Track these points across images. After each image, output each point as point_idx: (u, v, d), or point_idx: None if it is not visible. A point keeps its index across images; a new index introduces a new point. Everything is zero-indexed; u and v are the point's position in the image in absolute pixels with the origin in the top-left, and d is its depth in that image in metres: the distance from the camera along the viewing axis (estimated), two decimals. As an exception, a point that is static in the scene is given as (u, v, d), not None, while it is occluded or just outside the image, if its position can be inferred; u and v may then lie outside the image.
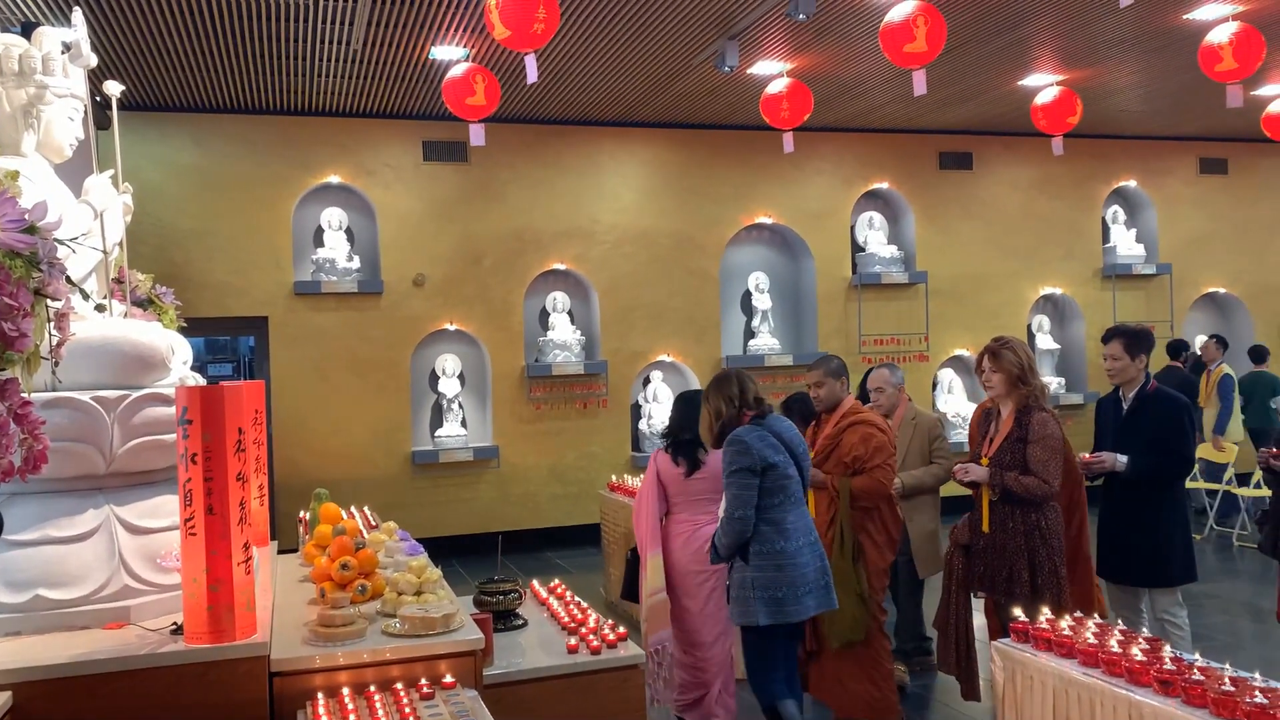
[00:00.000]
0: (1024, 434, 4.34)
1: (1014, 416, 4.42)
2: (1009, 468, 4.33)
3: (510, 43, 5.58)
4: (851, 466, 4.62)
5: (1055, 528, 4.34)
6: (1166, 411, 4.75)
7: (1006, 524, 4.34)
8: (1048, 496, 4.30)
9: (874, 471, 4.58)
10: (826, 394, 4.85)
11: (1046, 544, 4.29)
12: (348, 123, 9.20)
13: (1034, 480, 4.27)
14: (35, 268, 2.44)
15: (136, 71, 7.64)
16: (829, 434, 4.77)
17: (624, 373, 9.91)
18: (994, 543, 4.37)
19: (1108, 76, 8.77)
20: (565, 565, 8.81)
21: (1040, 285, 11.15)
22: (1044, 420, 4.35)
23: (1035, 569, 4.27)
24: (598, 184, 9.88)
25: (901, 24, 6.13)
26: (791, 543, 3.96)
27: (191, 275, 8.63)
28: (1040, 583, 4.26)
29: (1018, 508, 4.33)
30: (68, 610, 3.12)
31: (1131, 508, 4.75)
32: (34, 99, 3.53)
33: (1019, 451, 4.33)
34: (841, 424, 4.74)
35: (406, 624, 3.17)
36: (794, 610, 3.93)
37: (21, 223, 2.42)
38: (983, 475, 4.40)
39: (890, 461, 4.65)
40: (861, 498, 4.59)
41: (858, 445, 4.62)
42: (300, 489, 7.99)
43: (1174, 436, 4.70)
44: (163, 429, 3.33)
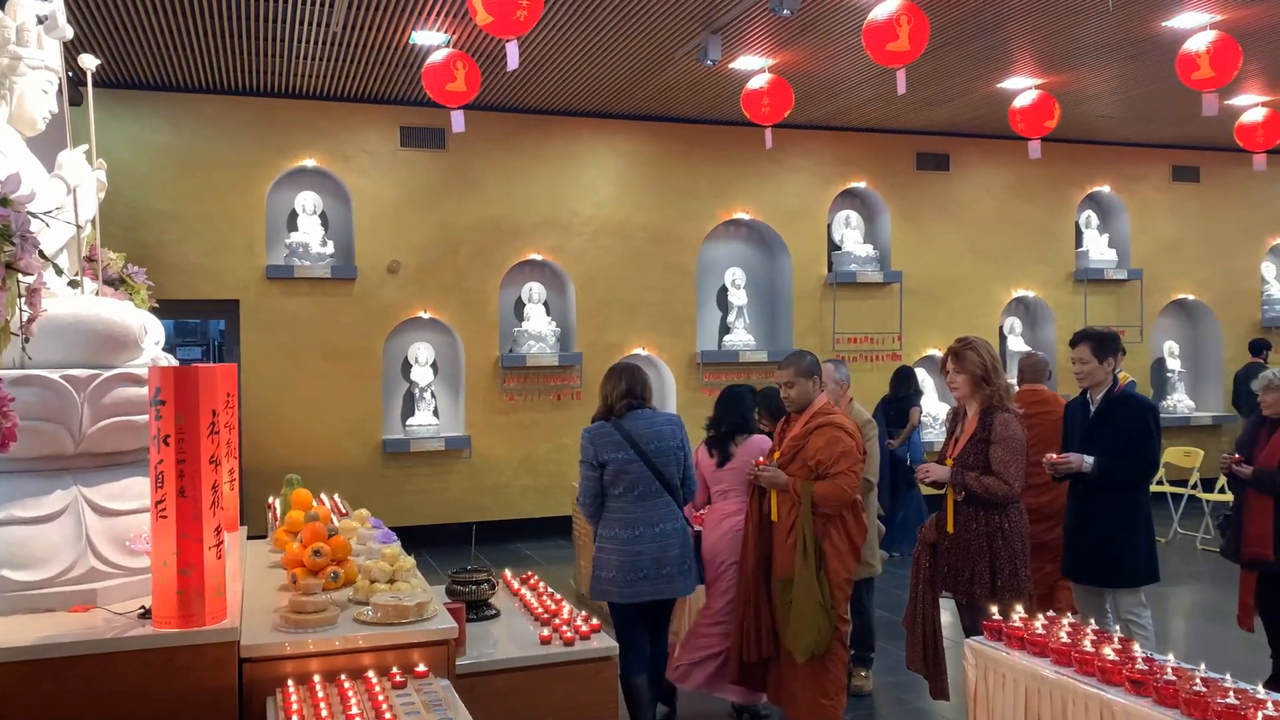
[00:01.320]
0: (987, 434, 4.35)
1: (978, 417, 4.44)
2: (973, 468, 4.34)
3: (493, 29, 5.53)
4: (815, 470, 4.45)
5: (1017, 529, 4.36)
6: (1133, 414, 4.80)
7: (970, 524, 4.35)
8: (1009, 498, 4.32)
9: (838, 477, 4.39)
10: (797, 394, 4.64)
11: (1008, 545, 4.31)
12: (325, 106, 9.10)
13: (995, 481, 4.28)
14: (8, 241, 2.39)
15: (111, 47, 7.51)
16: (796, 435, 4.59)
17: (599, 365, 9.84)
18: (957, 543, 4.38)
19: (1086, 82, 8.84)
20: (536, 557, 8.79)
21: (1013, 288, 11.24)
22: (1007, 421, 4.36)
23: (996, 570, 4.29)
24: (576, 175, 9.84)
25: (885, 22, 6.13)
26: (629, 530, 4.39)
27: (162, 256, 8.51)
28: (1000, 584, 4.28)
29: (980, 509, 4.34)
30: (33, 592, 3.06)
31: (1096, 509, 4.79)
32: (7, 70, 3.46)
33: (982, 452, 4.34)
34: (810, 425, 4.56)
35: (379, 612, 3.13)
36: (623, 593, 4.37)
37: (-6, 194, 2.37)
38: (943, 475, 4.41)
39: (856, 468, 4.46)
40: (823, 504, 4.40)
41: (823, 449, 4.44)
42: (269, 475, 7.91)
43: (1140, 439, 4.75)
44: (133, 410, 3.27)
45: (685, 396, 10.06)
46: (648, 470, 4.41)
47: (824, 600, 4.35)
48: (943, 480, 4.42)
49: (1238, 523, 5.06)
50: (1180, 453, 9.74)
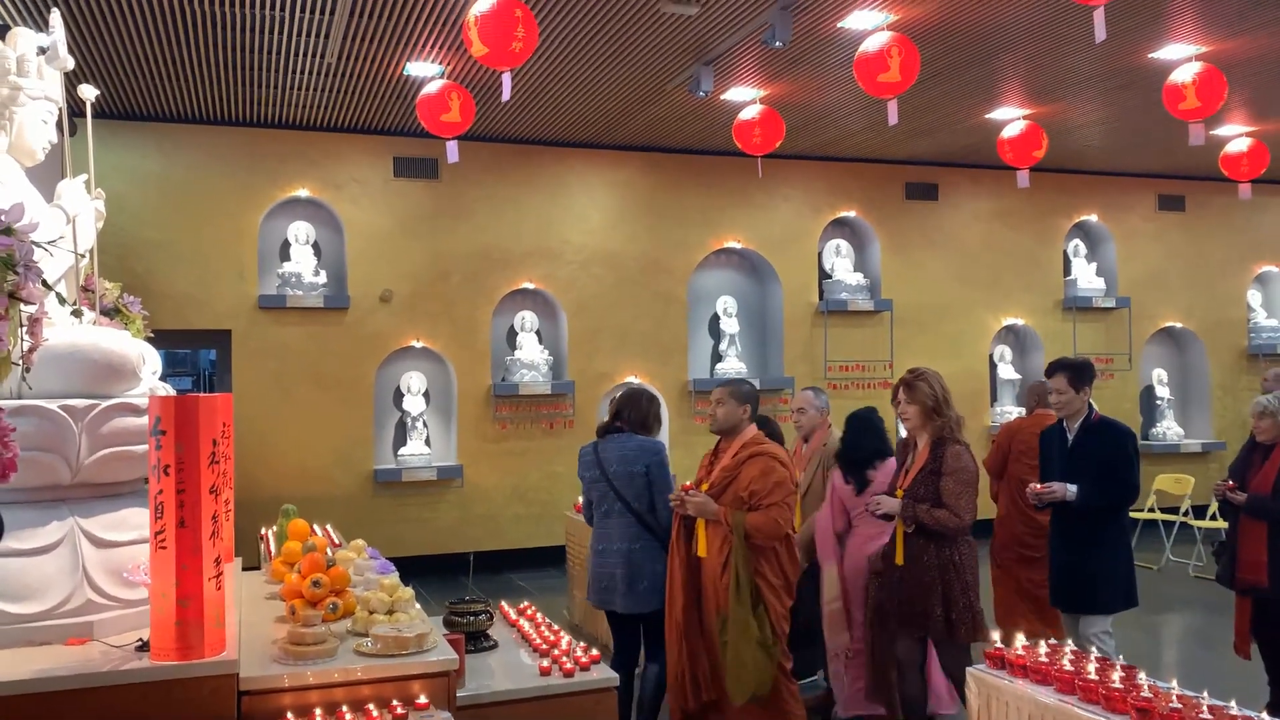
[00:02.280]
0: (938, 466, 4.34)
1: (929, 448, 4.43)
2: (923, 500, 4.32)
3: (488, 60, 5.57)
4: (748, 502, 4.28)
5: (968, 561, 4.35)
6: (1112, 440, 4.83)
7: (920, 557, 4.34)
8: (960, 530, 4.31)
9: (771, 509, 4.22)
10: (723, 415, 4.50)
11: (960, 578, 4.30)
12: (318, 136, 9.13)
13: (945, 513, 4.27)
14: (11, 270, 2.38)
15: (105, 78, 7.53)
16: (726, 465, 4.43)
17: (591, 394, 9.88)
18: (908, 575, 4.37)
19: (1073, 112, 8.94)
20: (528, 587, 8.73)
21: (1002, 316, 11.30)
22: (958, 453, 4.35)
23: (949, 604, 4.28)
24: (568, 204, 9.88)
25: (876, 54, 6.20)
26: (596, 545, 4.76)
27: (153, 286, 8.49)
28: (954, 617, 4.27)
29: (931, 541, 4.32)
30: (28, 625, 3.02)
31: (1078, 537, 4.81)
32: (7, 100, 3.46)
33: (933, 484, 4.33)
34: (741, 455, 4.40)
35: (379, 643, 3.11)
36: (590, 599, 4.82)
37: (-2, 224, 2.36)
38: (894, 507, 4.39)
39: (790, 500, 4.31)
40: (756, 535, 4.23)
41: (757, 479, 4.27)
42: (260, 505, 7.85)
43: (1120, 465, 4.77)
44: (131, 440, 3.25)
45: (678, 424, 10.06)
46: (610, 491, 4.69)
47: (763, 638, 4.18)
48: (893, 512, 4.40)
49: (1232, 549, 5.07)
50: (1171, 480, 9.78)
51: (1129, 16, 6.53)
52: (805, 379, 10.39)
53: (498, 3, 5.40)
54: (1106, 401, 11.26)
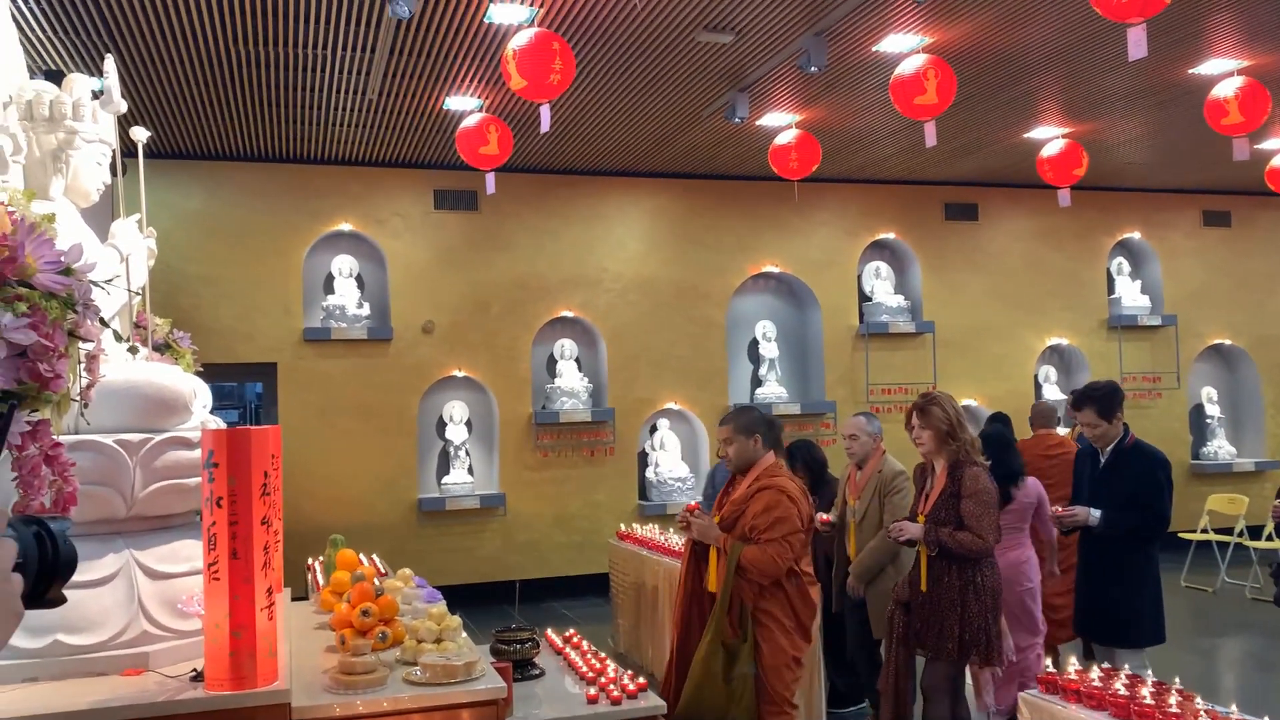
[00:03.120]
0: (957, 489, 4.30)
1: (947, 472, 4.39)
2: (944, 524, 4.28)
3: (526, 93, 5.65)
4: (749, 536, 4.08)
5: (990, 583, 4.30)
6: (1143, 467, 4.69)
7: (942, 580, 4.29)
8: (983, 551, 4.26)
9: (769, 545, 3.97)
10: (735, 453, 4.27)
11: (979, 599, 4.25)
12: (360, 171, 9.28)
13: (968, 536, 4.23)
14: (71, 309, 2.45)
15: (152, 119, 7.72)
16: (737, 498, 4.23)
17: (631, 420, 9.90)
18: (930, 599, 4.32)
19: (1114, 129, 8.87)
20: (572, 615, 8.73)
21: (1046, 336, 11.18)
22: (976, 474, 4.31)
23: (965, 624, 4.22)
24: (605, 232, 9.94)
25: (912, 76, 6.21)
26: None
27: (200, 321, 8.64)
28: (968, 638, 4.22)
29: (954, 564, 4.28)
30: (86, 656, 3.08)
31: (1104, 565, 4.69)
32: (63, 144, 3.56)
33: (953, 507, 4.29)
34: (753, 487, 4.18)
35: (428, 672, 3.13)
36: None
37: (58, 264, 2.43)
38: (917, 532, 4.36)
39: (793, 538, 4.00)
40: (750, 570, 3.98)
41: (760, 514, 4.04)
42: (306, 536, 7.93)
43: (1150, 493, 4.63)
44: (184, 473, 3.32)
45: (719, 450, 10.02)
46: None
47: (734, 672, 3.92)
48: (916, 537, 4.37)
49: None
50: (1224, 500, 9.59)
51: (1167, 33, 6.48)
52: (846, 402, 10.34)
53: (535, 36, 5.49)
54: (1155, 421, 11.10)
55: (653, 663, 6.42)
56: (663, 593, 6.21)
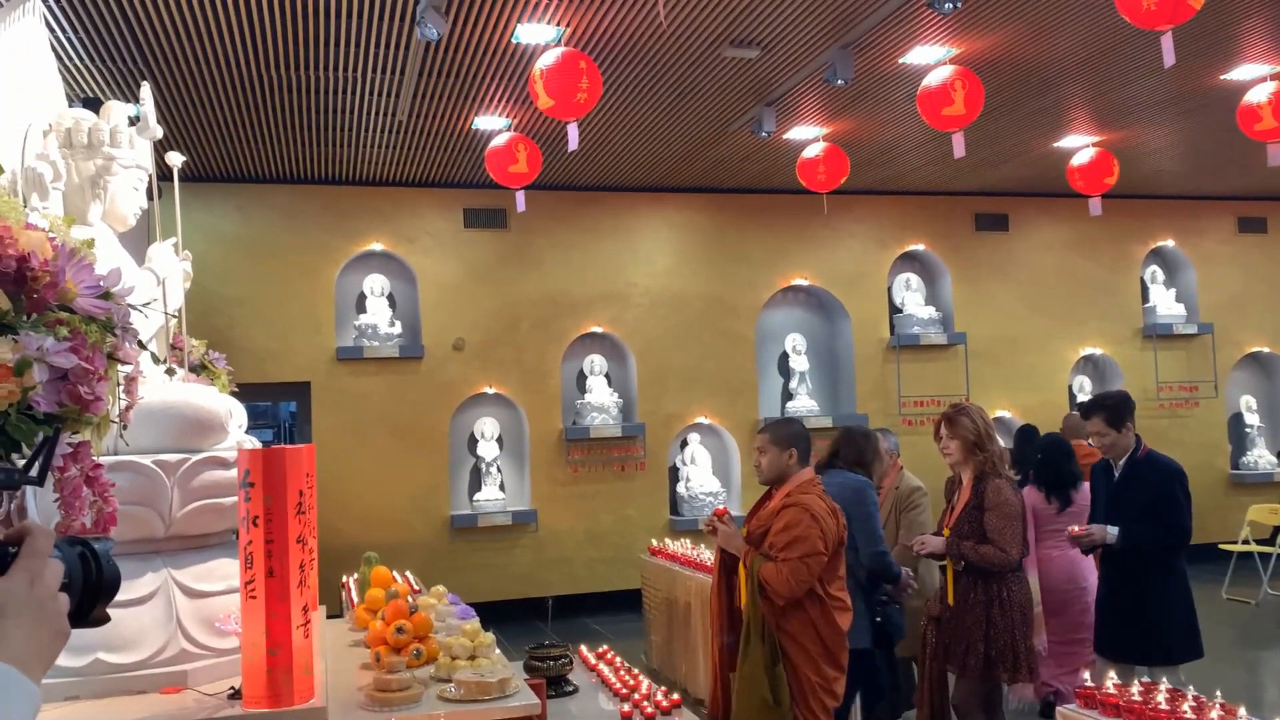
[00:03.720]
0: (980, 502, 4.25)
1: (971, 484, 4.34)
2: (969, 537, 4.23)
3: (554, 112, 5.70)
4: (768, 551, 3.98)
5: (1017, 598, 4.23)
6: (1158, 479, 4.59)
7: (968, 595, 4.24)
8: (1007, 565, 4.20)
9: (785, 565, 3.81)
10: (767, 465, 4.13)
11: (1006, 615, 4.18)
12: (390, 191, 9.38)
13: (991, 549, 4.17)
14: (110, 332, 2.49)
15: (186, 143, 7.84)
16: (765, 512, 4.11)
17: (661, 435, 9.90)
18: (956, 614, 4.27)
19: (1145, 137, 8.80)
20: (604, 631, 8.72)
21: (1080, 346, 11.07)
22: (999, 487, 4.26)
23: (990, 640, 4.16)
24: (634, 248, 9.97)
25: (939, 88, 6.20)
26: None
27: (235, 341, 8.74)
28: (994, 655, 4.15)
29: (979, 578, 4.23)
30: (126, 674, 3.11)
31: (1129, 581, 4.58)
32: (101, 170, 3.62)
33: (977, 520, 4.24)
34: (781, 503, 4.06)
35: (462, 689, 3.14)
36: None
37: (98, 289, 2.47)
38: (939, 546, 4.31)
39: (811, 560, 3.82)
40: (767, 587, 3.85)
41: (780, 532, 3.90)
42: (340, 553, 7.98)
43: (1166, 506, 4.52)
44: (220, 492, 3.35)
45: (749, 465, 10.00)
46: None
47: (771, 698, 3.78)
48: (939, 551, 4.32)
49: None
50: (1265, 510, 9.43)
51: (1198, 39, 6.43)
52: (878, 416, 10.28)
53: (562, 55, 5.54)
54: (1193, 431, 10.95)
55: (686, 678, 6.40)
56: (695, 608, 6.19)
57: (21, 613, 0.99)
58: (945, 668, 4.37)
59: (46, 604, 1.02)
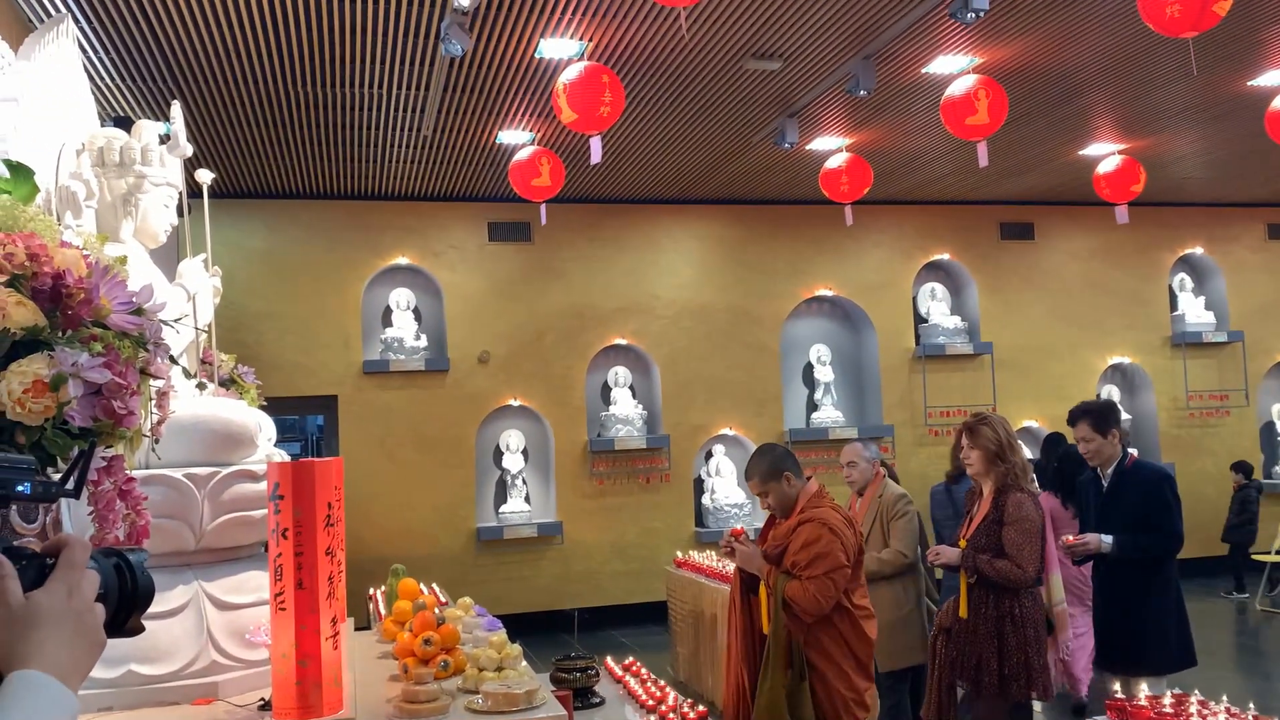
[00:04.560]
0: (1000, 515, 4.19)
1: (992, 497, 4.28)
2: (985, 550, 4.17)
3: (577, 125, 5.73)
4: (793, 573, 3.86)
5: (1030, 615, 4.17)
6: (1148, 487, 4.55)
7: (980, 609, 4.18)
8: (1023, 581, 4.14)
9: (810, 582, 3.72)
10: (776, 500, 4.02)
11: (1018, 631, 4.12)
12: (415, 206, 9.45)
13: (1007, 564, 4.11)
14: (142, 348, 2.53)
15: (215, 160, 7.94)
16: (781, 532, 4.01)
17: (685, 447, 9.90)
18: (968, 628, 4.21)
19: (1171, 144, 8.74)
20: (630, 643, 8.71)
21: (1108, 355, 10.98)
22: (1020, 502, 4.19)
23: (1004, 658, 4.10)
24: (657, 260, 10.00)
25: (963, 97, 6.19)
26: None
27: (263, 356, 8.82)
28: (1008, 672, 4.09)
29: (992, 592, 4.17)
30: (158, 686, 3.15)
31: (1121, 591, 4.54)
32: (133, 188, 3.68)
33: (995, 534, 4.18)
34: (797, 520, 3.97)
35: (490, 700, 3.15)
36: None
37: (130, 305, 2.52)
38: (954, 558, 4.25)
39: (836, 574, 3.73)
40: (794, 606, 3.78)
41: (799, 550, 3.81)
42: (367, 566, 8.03)
43: (1157, 512, 4.49)
44: (250, 505, 3.39)
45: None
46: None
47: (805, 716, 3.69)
48: (953, 563, 4.26)
49: None
50: (1299, 520, 9.30)
51: (1224, 46, 6.39)
52: (904, 426, 10.25)
53: (585, 70, 5.57)
54: (1224, 440, 10.83)
55: (712, 691, 6.38)
56: (721, 620, 6.17)
57: (59, 624, 1.02)
58: (954, 680, 4.32)
59: (84, 615, 1.05)
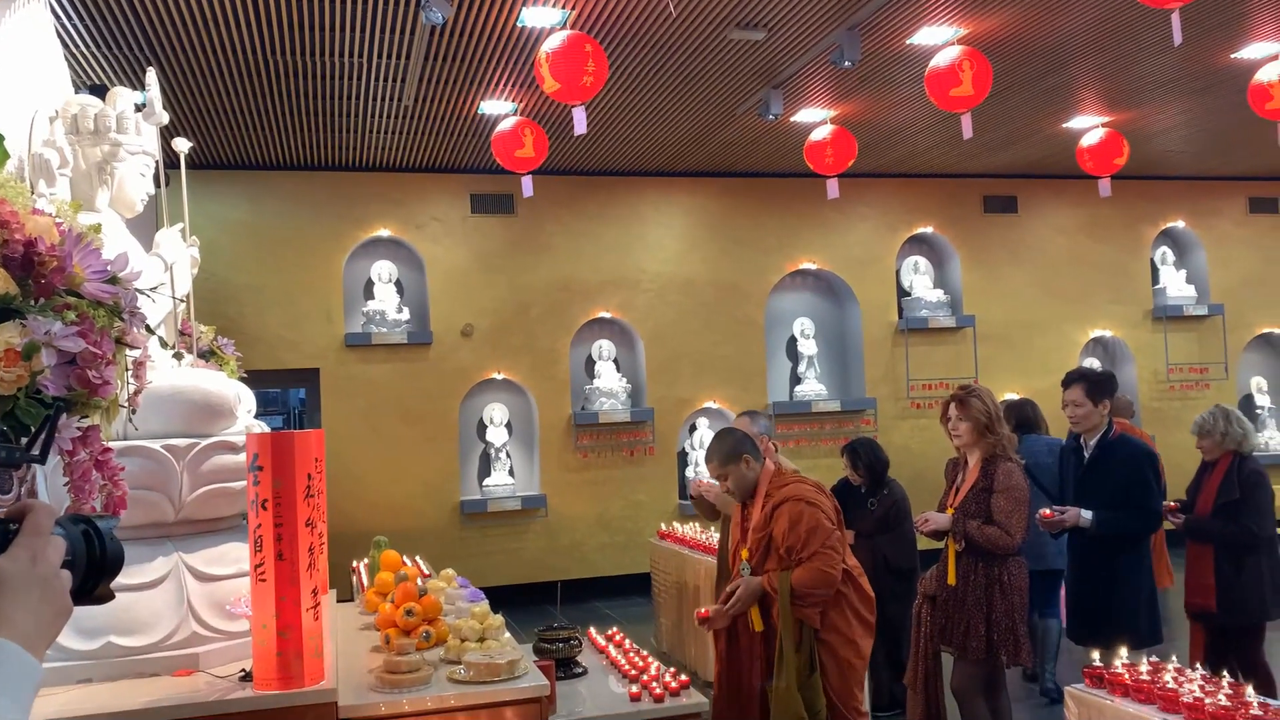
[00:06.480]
0: (989, 484, 4.26)
1: (980, 466, 4.33)
2: (974, 517, 4.24)
3: (560, 95, 5.68)
4: (788, 559, 3.77)
5: (1017, 582, 4.24)
6: (1129, 462, 4.57)
7: (969, 576, 4.23)
8: (1010, 549, 4.21)
9: (814, 559, 3.69)
10: (735, 483, 3.97)
11: (1006, 598, 4.19)
12: (397, 177, 9.37)
13: (996, 531, 4.17)
14: (117, 317, 2.50)
15: (195, 130, 7.85)
16: (757, 524, 3.90)
17: (670, 420, 9.90)
18: (955, 595, 4.26)
19: (1154, 117, 8.74)
20: (614, 615, 8.74)
21: (1090, 328, 11.03)
22: (1009, 470, 4.26)
23: (992, 624, 4.17)
24: (642, 233, 9.96)
25: (947, 69, 6.17)
26: None
27: (244, 328, 8.76)
28: (996, 638, 4.16)
29: (980, 559, 4.23)
30: (138, 657, 3.14)
31: (1094, 566, 4.58)
32: (108, 156, 3.63)
33: (984, 501, 4.25)
34: (767, 508, 3.87)
35: (472, 670, 3.16)
36: None
37: (105, 273, 2.48)
38: (944, 523, 4.30)
39: (832, 542, 3.73)
40: (807, 596, 3.71)
41: (788, 532, 3.75)
42: (350, 539, 8.02)
43: (1137, 489, 4.51)
44: (230, 477, 3.37)
45: (759, 449, 10.01)
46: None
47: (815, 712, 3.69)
48: (943, 529, 4.31)
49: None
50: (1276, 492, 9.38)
51: (1208, 18, 6.38)
52: (887, 399, 10.28)
53: (568, 39, 5.52)
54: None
55: (695, 661, 6.42)
56: (704, 591, 6.20)
57: (23, 590, 1.00)
58: (940, 647, 4.36)
59: (49, 581, 1.03)
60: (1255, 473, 4.73)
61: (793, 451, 9.89)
